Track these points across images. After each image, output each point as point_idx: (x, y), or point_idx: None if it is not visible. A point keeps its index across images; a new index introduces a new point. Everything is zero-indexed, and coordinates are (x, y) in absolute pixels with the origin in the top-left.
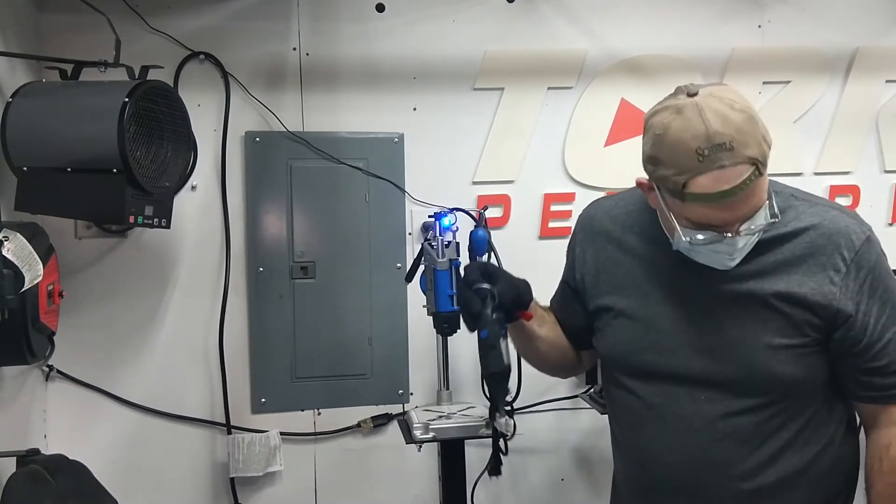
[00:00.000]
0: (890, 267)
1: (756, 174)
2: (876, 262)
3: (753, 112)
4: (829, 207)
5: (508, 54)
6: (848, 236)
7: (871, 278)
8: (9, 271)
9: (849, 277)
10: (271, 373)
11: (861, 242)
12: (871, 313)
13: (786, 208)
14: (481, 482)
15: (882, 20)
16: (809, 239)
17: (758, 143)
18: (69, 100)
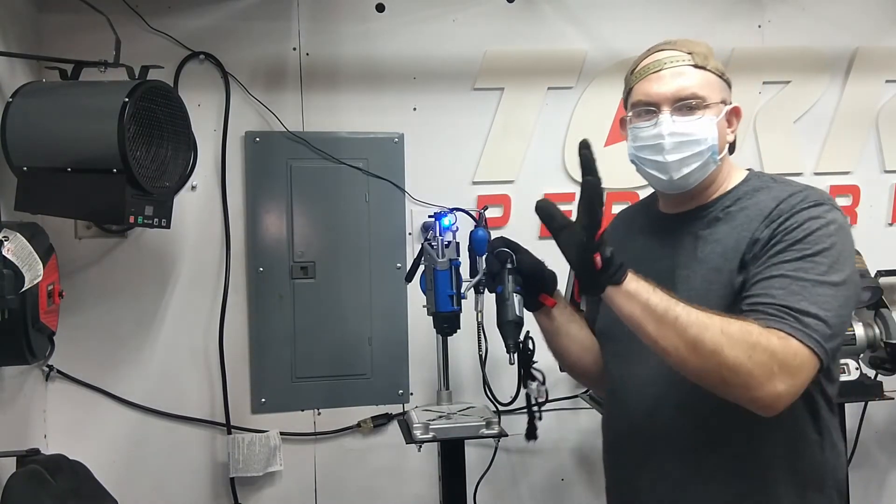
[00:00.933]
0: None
1: (689, 59)
2: (812, 218)
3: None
4: (801, 187)
5: (508, 54)
6: (795, 198)
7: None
8: (9, 271)
9: (776, 222)
10: (271, 373)
11: (807, 203)
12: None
13: (761, 186)
14: (481, 482)
15: (882, 20)
16: (764, 206)
17: (705, 48)
18: (69, 100)
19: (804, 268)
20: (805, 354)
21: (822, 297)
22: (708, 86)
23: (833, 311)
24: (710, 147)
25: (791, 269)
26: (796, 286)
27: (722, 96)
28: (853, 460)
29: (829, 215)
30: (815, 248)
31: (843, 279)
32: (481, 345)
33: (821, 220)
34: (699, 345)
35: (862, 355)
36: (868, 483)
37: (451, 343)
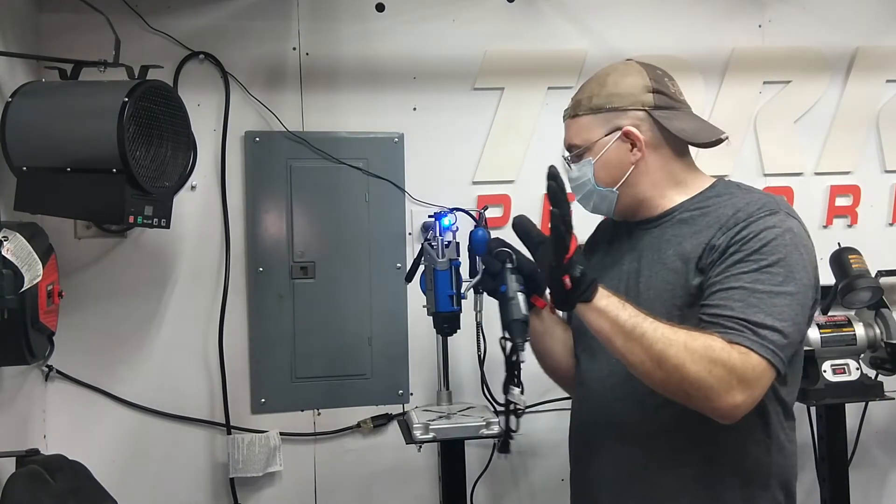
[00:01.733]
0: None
1: (568, 111)
2: (767, 228)
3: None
4: (761, 194)
5: (508, 54)
6: (752, 206)
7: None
8: (8, 271)
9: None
10: (271, 373)
11: (763, 213)
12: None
13: (724, 193)
14: (481, 482)
15: (882, 20)
16: (721, 212)
17: (586, 92)
18: (69, 100)
19: (761, 279)
20: (762, 366)
21: (777, 308)
22: (583, 131)
23: (789, 320)
24: (591, 186)
25: (749, 281)
26: (754, 298)
27: (605, 129)
28: (853, 460)
29: (784, 224)
30: (770, 258)
31: (797, 288)
32: (480, 345)
33: (776, 230)
34: (663, 360)
35: (862, 355)
36: (868, 483)
37: (451, 343)
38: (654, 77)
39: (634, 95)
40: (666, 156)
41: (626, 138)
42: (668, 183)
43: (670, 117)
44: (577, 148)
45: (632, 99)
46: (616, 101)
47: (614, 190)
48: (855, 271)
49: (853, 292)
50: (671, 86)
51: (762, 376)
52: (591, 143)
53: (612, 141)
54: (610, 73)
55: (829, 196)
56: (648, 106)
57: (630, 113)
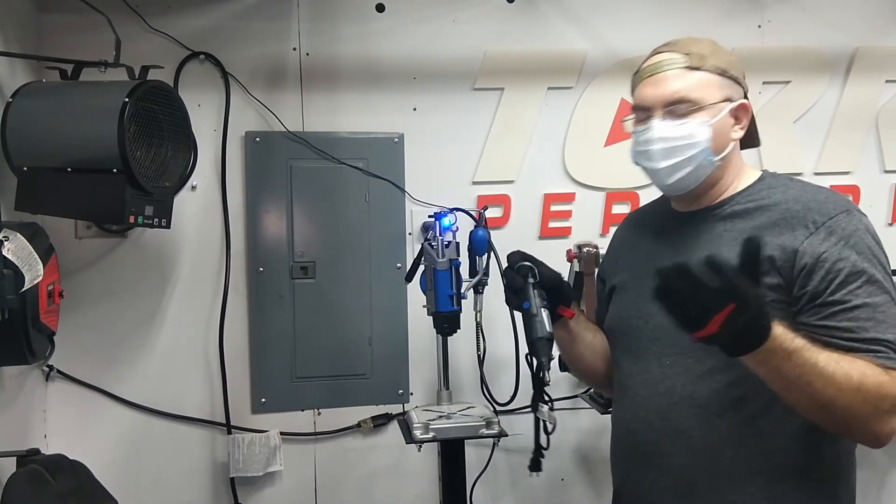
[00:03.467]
0: (876, 246)
1: (683, 61)
2: (853, 232)
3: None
4: (819, 188)
5: (508, 54)
6: (824, 205)
7: (842, 244)
8: (9, 271)
9: (816, 237)
10: (271, 373)
11: (837, 211)
12: (837, 274)
13: (777, 185)
14: (480, 482)
15: (882, 20)
16: (786, 207)
17: (704, 48)
18: (69, 100)
19: (874, 291)
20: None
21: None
22: (702, 87)
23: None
24: (703, 150)
25: (866, 296)
26: (880, 314)
27: (723, 95)
28: None
29: (863, 222)
30: (872, 265)
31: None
32: (480, 345)
33: (860, 234)
34: (830, 407)
35: None
36: (868, 483)
37: (450, 343)
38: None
39: (742, 74)
40: (739, 144)
41: (742, 113)
42: (736, 170)
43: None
44: (690, 103)
45: (742, 75)
46: (736, 71)
47: (717, 160)
48: None
49: None
50: None
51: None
52: (709, 103)
53: (727, 109)
54: (714, 41)
55: None
56: (746, 90)
57: (740, 90)
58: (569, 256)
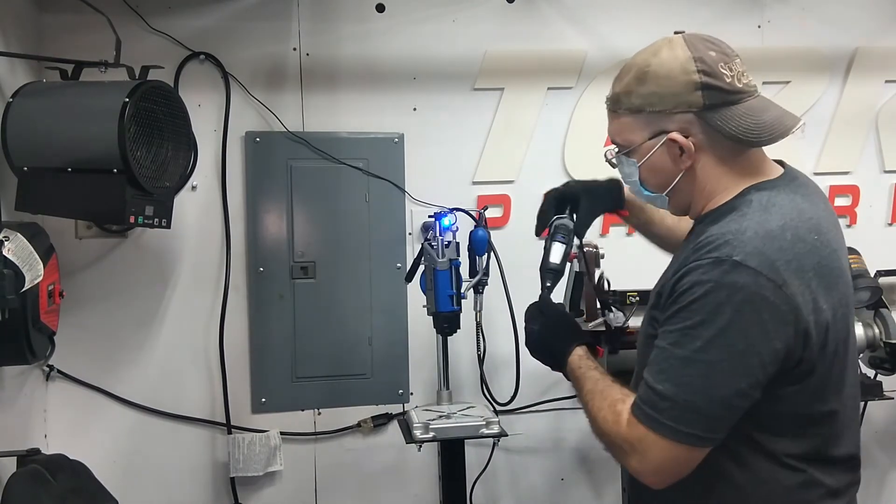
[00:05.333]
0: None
1: (607, 104)
2: (700, 283)
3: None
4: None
5: (508, 54)
6: (708, 244)
7: (686, 289)
8: (9, 271)
9: (678, 274)
10: (271, 373)
11: (709, 258)
12: (666, 310)
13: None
14: (480, 482)
15: (882, 20)
16: (699, 240)
17: (623, 86)
18: (69, 100)
19: (681, 342)
20: (651, 437)
21: (687, 378)
22: (622, 132)
23: (699, 392)
24: (642, 189)
25: (670, 342)
26: (666, 363)
27: (647, 133)
28: None
29: (725, 278)
30: (694, 318)
31: (720, 355)
32: (480, 345)
33: (708, 286)
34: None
35: (861, 355)
36: (868, 483)
37: (451, 343)
38: (705, 66)
39: (679, 96)
40: (720, 157)
41: (674, 143)
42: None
43: (725, 117)
44: (620, 147)
45: (675, 101)
46: (658, 104)
47: (663, 196)
48: (854, 271)
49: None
50: (727, 71)
51: (652, 445)
52: (633, 144)
53: (658, 145)
54: (651, 62)
55: (829, 196)
56: (696, 107)
57: (676, 116)
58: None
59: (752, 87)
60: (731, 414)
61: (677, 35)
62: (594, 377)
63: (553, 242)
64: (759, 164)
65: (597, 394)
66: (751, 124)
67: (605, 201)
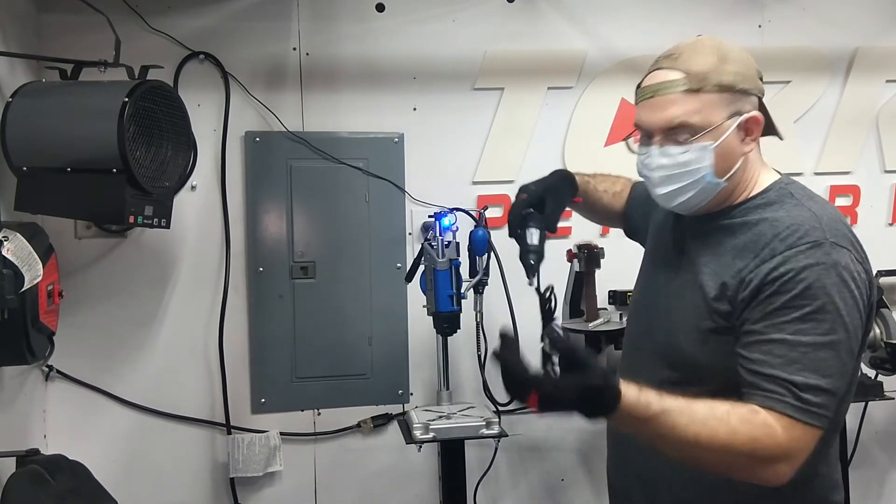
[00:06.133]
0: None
1: (682, 83)
2: (811, 265)
3: (730, 51)
4: (816, 213)
5: (508, 54)
6: (797, 232)
7: (791, 275)
8: (8, 271)
9: (768, 265)
10: (271, 373)
11: (805, 241)
12: (770, 304)
13: (777, 200)
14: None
15: (882, 20)
16: (762, 229)
17: (707, 63)
18: (69, 100)
19: (804, 329)
20: (809, 434)
21: (824, 363)
22: (704, 110)
23: (835, 374)
24: (705, 175)
25: (791, 332)
26: (796, 353)
27: (730, 112)
28: (853, 460)
29: (829, 258)
30: (814, 303)
31: (845, 334)
32: (480, 345)
33: (818, 269)
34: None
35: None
36: (868, 483)
37: (451, 343)
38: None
39: (754, 79)
40: (756, 149)
41: (753, 125)
42: (748, 180)
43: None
44: (691, 129)
45: (753, 82)
46: (745, 83)
47: (723, 181)
48: None
49: None
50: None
51: (809, 443)
52: (713, 124)
53: (733, 126)
54: (724, 45)
55: (829, 196)
56: (762, 92)
57: (752, 98)
58: (569, 256)
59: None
60: (852, 388)
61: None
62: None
63: (527, 230)
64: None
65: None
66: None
67: (564, 193)
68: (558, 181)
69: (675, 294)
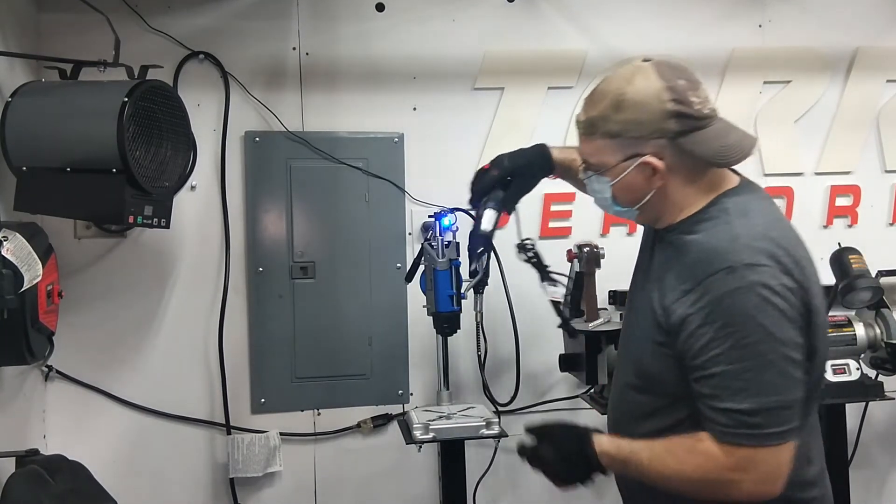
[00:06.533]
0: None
1: (581, 127)
2: (727, 293)
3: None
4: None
5: (508, 54)
6: (712, 259)
7: (711, 306)
8: (8, 271)
9: (689, 297)
10: (271, 373)
11: (719, 268)
12: (699, 338)
13: (711, 219)
14: (480, 483)
15: (882, 20)
16: (688, 255)
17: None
18: (69, 100)
19: (742, 356)
20: (774, 452)
21: (767, 385)
22: (596, 154)
23: (783, 390)
24: (613, 205)
25: (729, 362)
26: (740, 382)
27: (622, 155)
28: (853, 460)
29: (745, 280)
30: (744, 329)
31: (780, 347)
32: (480, 345)
33: (739, 294)
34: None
35: (862, 355)
36: (868, 483)
37: (451, 343)
38: (676, 94)
39: (654, 123)
40: (688, 176)
41: (647, 165)
42: (681, 201)
43: (695, 141)
44: (592, 166)
45: (651, 127)
46: (634, 130)
47: (634, 209)
48: (855, 271)
49: (853, 292)
50: (696, 98)
51: (779, 460)
52: (608, 166)
53: (632, 167)
54: (625, 89)
55: (830, 196)
56: (670, 134)
57: (651, 141)
58: (569, 256)
59: (715, 111)
60: (815, 389)
61: (646, 63)
62: (640, 447)
63: (485, 209)
64: (721, 176)
65: (663, 456)
66: (718, 147)
67: (534, 175)
68: (533, 158)
69: (639, 301)
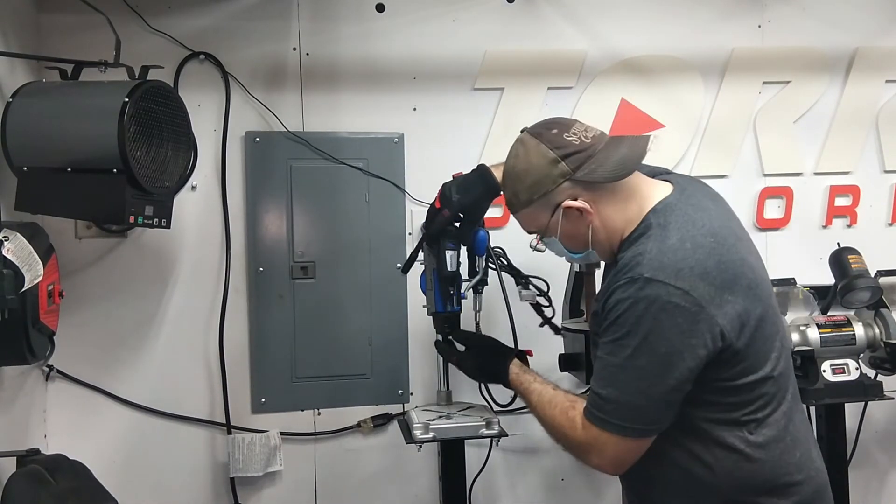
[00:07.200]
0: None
1: (511, 209)
2: (622, 300)
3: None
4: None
5: (508, 54)
6: (625, 271)
7: (611, 306)
8: (9, 271)
9: (605, 295)
10: (271, 373)
11: (624, 278)
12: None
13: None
14: (480, 482)
15: (882, 20)
16: (617, 267)
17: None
18: (69, 100)
19: (614, 351)
20: (604, 436)
21: (623, 382)
22: (528, 222)
23: (634, 392)
24: (571, 255)
25: (605, 353)
26: (605, 371)
27: (548, 212)
28: (853, 460)
29: (639, 293)
30: (620, 331)
31: (648, 360)
32: None
33: (627, 302)
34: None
35: (862, 355)
36: (868, 483)
37: None
38: (552, 142)
39: (550, 175)
40: (608, 199)
41: (570, 209)
42: (619, 222)
43: (592, 168)
44: (535, 232)
45: (550, 179)
46: (539, 189)
47: (590, 250)
48: (854, 271)
49: (853, 292)
50: (571, 136)
51: (606, 443)
52: (544, 227)
53: (561, 217)
54: (514, 164)
55: (829, 196)
56: (567, 174)
57: (559, 189)
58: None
59: (598, 135)
60: (668, 406)
61: (522, 133)
62: (537, 390)
63: (445, 251)
64: (645, 187)
65: (545, 404)
66: (614, 162)
67: (482, 201)
68: (478, 189)
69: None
